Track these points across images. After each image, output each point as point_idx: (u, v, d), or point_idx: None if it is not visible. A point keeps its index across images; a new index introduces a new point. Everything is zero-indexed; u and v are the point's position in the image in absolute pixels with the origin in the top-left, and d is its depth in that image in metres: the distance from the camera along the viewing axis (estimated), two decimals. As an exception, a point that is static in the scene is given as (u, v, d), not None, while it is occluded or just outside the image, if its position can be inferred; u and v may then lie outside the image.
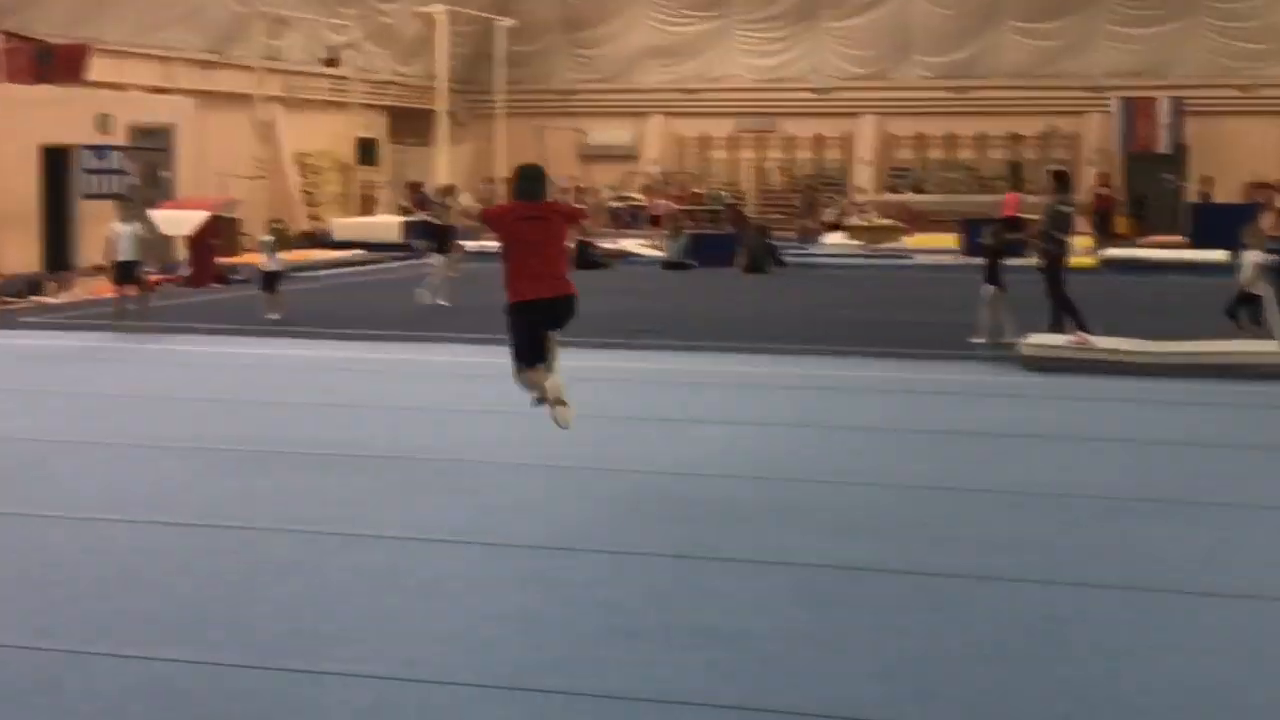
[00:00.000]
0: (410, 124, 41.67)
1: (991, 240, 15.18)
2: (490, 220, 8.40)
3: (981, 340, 14.61)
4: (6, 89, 24.16)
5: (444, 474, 8.47)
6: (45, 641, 5.40)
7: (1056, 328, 14.25)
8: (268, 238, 17.82)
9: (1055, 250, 14.69)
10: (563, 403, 7.82)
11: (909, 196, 36.55)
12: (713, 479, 8.40)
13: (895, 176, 40.04)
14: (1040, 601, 6.04)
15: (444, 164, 33.93)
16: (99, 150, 25.42)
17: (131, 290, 15.95)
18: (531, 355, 7.82)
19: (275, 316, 16.85)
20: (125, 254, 15.89)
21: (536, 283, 7.79)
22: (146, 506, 7.60)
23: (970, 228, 26.11)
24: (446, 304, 18.23)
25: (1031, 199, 27.24)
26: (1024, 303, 14.81)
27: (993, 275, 14.79)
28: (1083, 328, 13.93)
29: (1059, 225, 14.79)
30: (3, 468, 8.64)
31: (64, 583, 6.15)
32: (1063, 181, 15.31)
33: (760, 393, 11.94)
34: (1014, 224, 21.39)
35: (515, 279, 7.80)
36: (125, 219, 16.03)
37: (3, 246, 23.49)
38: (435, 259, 19.26)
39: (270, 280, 17.38)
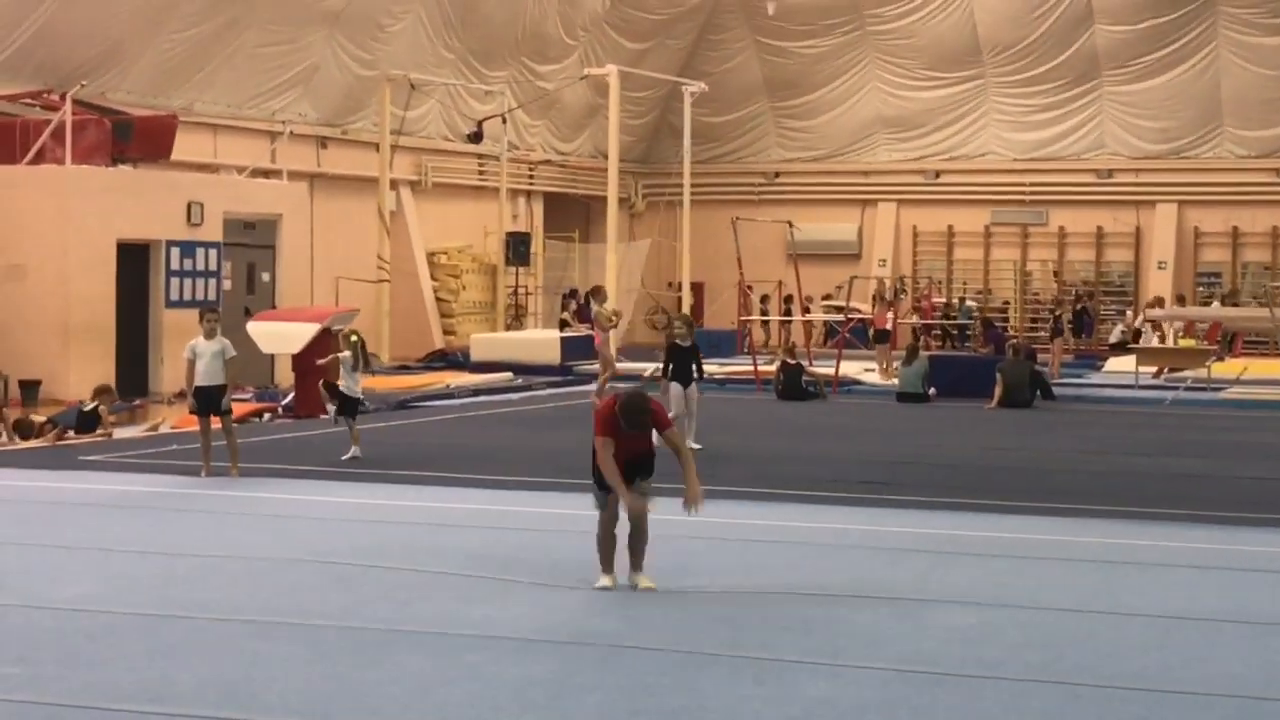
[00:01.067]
0: (572, 214, 42.47)
1: None
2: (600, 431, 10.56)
3: None
4: (76, 173, 25.14)
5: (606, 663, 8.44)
6: None
7: None
8: (345, 353, 18.12)
9: None
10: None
11: (1219, 310, 35.88)
12: (956, 681, 8.21)
13: (1202, 284, 39.42)
14: None
15: (614, 264, 34.34)
16: (187, 247, 26.28)
17: (215, 422, 16.28)
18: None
19: (355, 453, 17.37)
20: (207, 378, 16.20)
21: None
22: (225, 698, 7.67)
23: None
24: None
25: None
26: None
27: None
28: None
29: None
30: (63, 647, 8.82)
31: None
32: None
33: (1025, 565, 11.73)
34: None
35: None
36: (209, 334, 16.24)
37: (70, 365, 24.29)
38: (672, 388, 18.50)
39: (350, 407, 17.87)
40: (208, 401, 16.22)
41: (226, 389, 16.32)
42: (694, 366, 18.66)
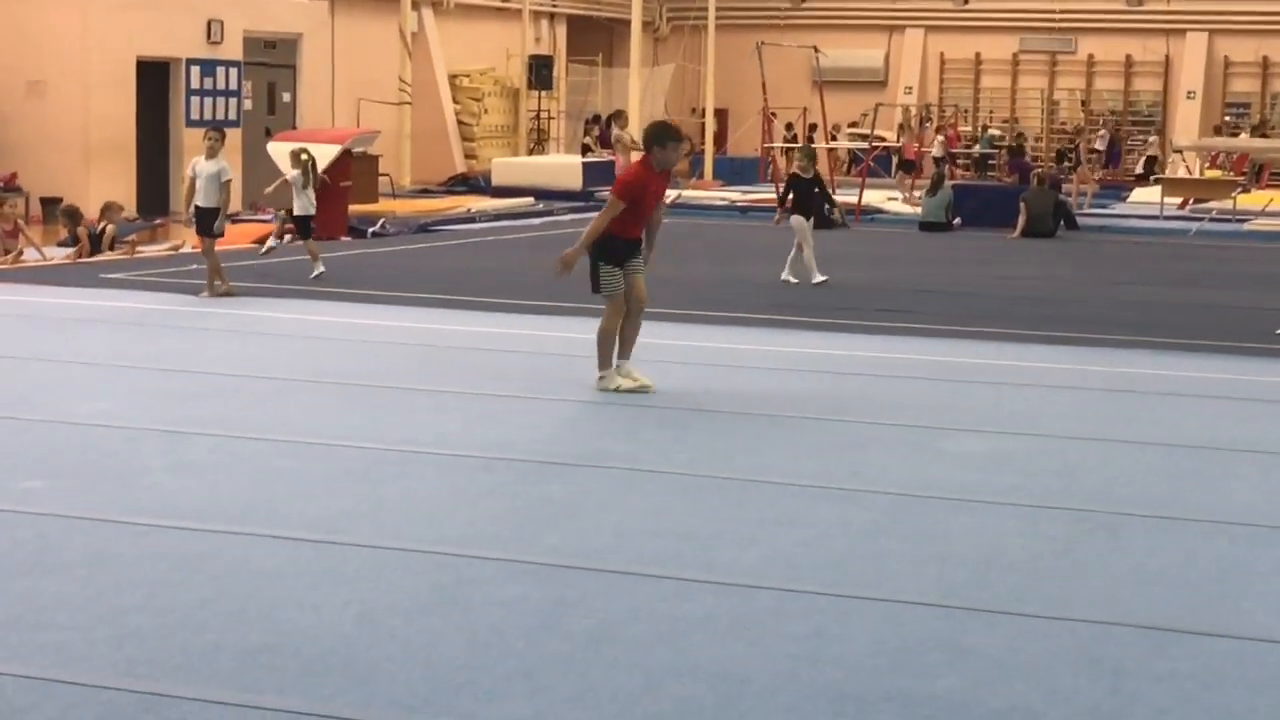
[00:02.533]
0: (596, 38, 42.08)
1: None
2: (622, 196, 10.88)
3: None
4: (96, -11, 24.94)
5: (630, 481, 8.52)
6: (130, 680, 5.54)
7: None
8: (295, 172, 18.03)
9: None
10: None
11: (1247, 142, 35.58)
12: (969, 505, 8.28)
13: (1230, 115, 39.05)
14: None
15: (637, 89, 34.08)
16: (207, 66, 26.15)
17: (199, 243, 16.23)
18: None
19: (320, 270, 17.54)
20: (204, 198, 16.02)
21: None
22: (255, 517, 7.77)
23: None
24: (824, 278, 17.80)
25: None
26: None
27: None
28: None
29: None
30: (82, 462, 8.92)
31: (153, 609, 6.31)
32: None
33: (1036, 393, 11.80)
34: None
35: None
36: (211, 153, 16.06)
37: (90, 183, 24.29)
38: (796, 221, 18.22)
39: (303, 226, 18.07)
40: (202, 221, 16.10)
41: (220, 211, 16.05)
42: (816, 198, 18.48)
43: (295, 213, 18.12)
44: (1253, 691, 5.66)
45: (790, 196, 18.43)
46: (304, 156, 18.30)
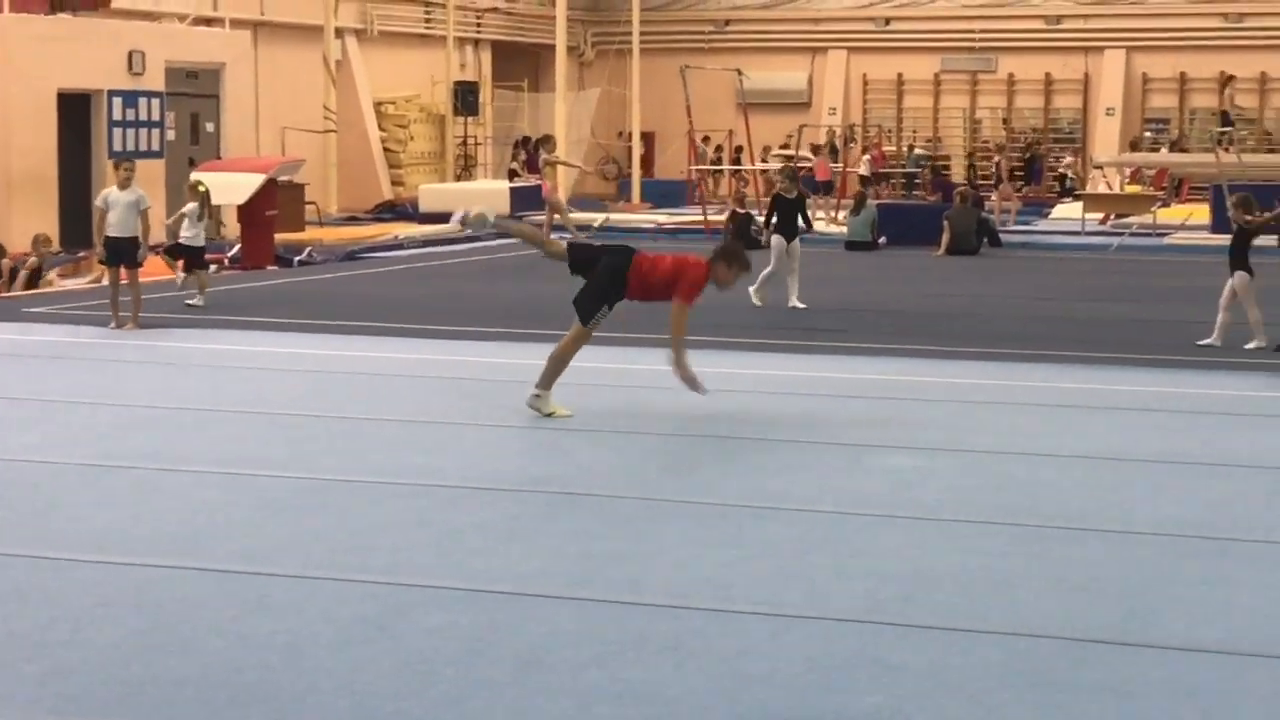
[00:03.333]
0: (521, 64, 42.07)
1: (1241, 209, 15.05)
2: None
3: (1213, 342, 14.84)
4: (14, 21, 24.78)
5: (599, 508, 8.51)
6: (55, 717, 5.49)
7: None
8: (192, 204, 17.97)
9: None
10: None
11: (1166, 157, 35.94)
12: (897, 521, 8.32)
13: (1149, 130, 39.44)
14: (1335, 690, 5.86)
15: (564, 114, 34.12)
16: (129, 97, 25.99)
17: (123, 275, 16.10)
18: None
19: (197, 302, 17.44)
20: (121, 229, 15.87)
21: None
22: (180, 548, 7.71)
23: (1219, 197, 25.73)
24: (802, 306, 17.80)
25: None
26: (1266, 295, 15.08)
27: (1240, 256, 14.91)
28: None
29: None
30: (4, 496, 8.84)
31: (79, 643, 6.26)
32: None
33: (963, 410, 11.87)
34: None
35: None
36: (124, 184, 15.94)
37: (11, 217, 24.07)
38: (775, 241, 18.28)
39: (196, 257, 17.97)
40: (119, 253, 15.93)
41: (139, 241, 15.95)
42: (799, 219, 18.55)
43: (187, 243, 17.97)
44: (1174, 701, 5.70)
45: (773, 218, 18.57)
46: (200, 188, 18.28)
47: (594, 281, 11.14)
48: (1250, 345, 14.63)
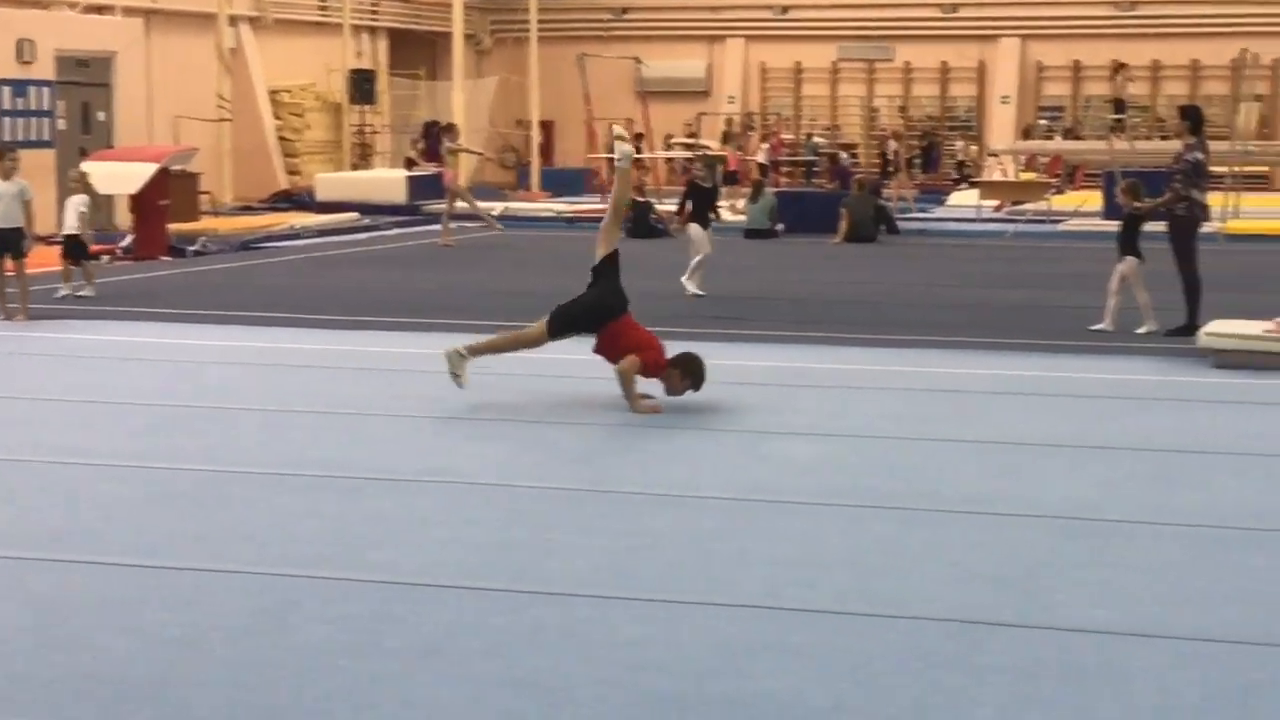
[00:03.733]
0: (418, 52, 41.85)
1: (1129, 196, 15.26)
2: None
3: (1105, 327, 15.02)
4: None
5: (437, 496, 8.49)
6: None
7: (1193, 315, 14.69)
8: (79, 196, 17.79)
9: (1179, 211, 14.94)
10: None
11: (1061, 144, 36.30)
12: (795, 507, 8.36)
13: (1044, 118, 39.81)
14: (1224, 667, 5.95)
15: (462, 102, 33.98)
16: (18, 86, 25.64)
17: (10, 267, 15.92)
18: None
19: (86, 293, 17.31)
20: (5, 220, 15.74)
21: None
22: (75, 542, 7.63)
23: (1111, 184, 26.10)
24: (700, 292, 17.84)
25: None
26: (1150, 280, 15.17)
27: (1129, 241, 15.10)
28: (1192, 318, 14.50)
29: (1191, 180, 14.80)
30: (-112, 490, 8.72)
31: (-40, 637, 6.19)
32: (1195, 122, 15.26)
33: (863, 396, 11.94)
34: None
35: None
36: (8, 174, 15.80)
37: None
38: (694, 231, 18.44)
39: (80, 247, 17.68)
40: (4, 244, 15.76)
41: (24, 231, 15.82)
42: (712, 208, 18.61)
43: (69, 232, 17.75)
44: (1065, 681, 5.77)
45: (688, 206, 18.63)
46: (85, 182, 18.06)
47: (583, 303, 11.31)
48: (1141, 330, 14.81)
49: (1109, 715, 5.47)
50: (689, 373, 11.11)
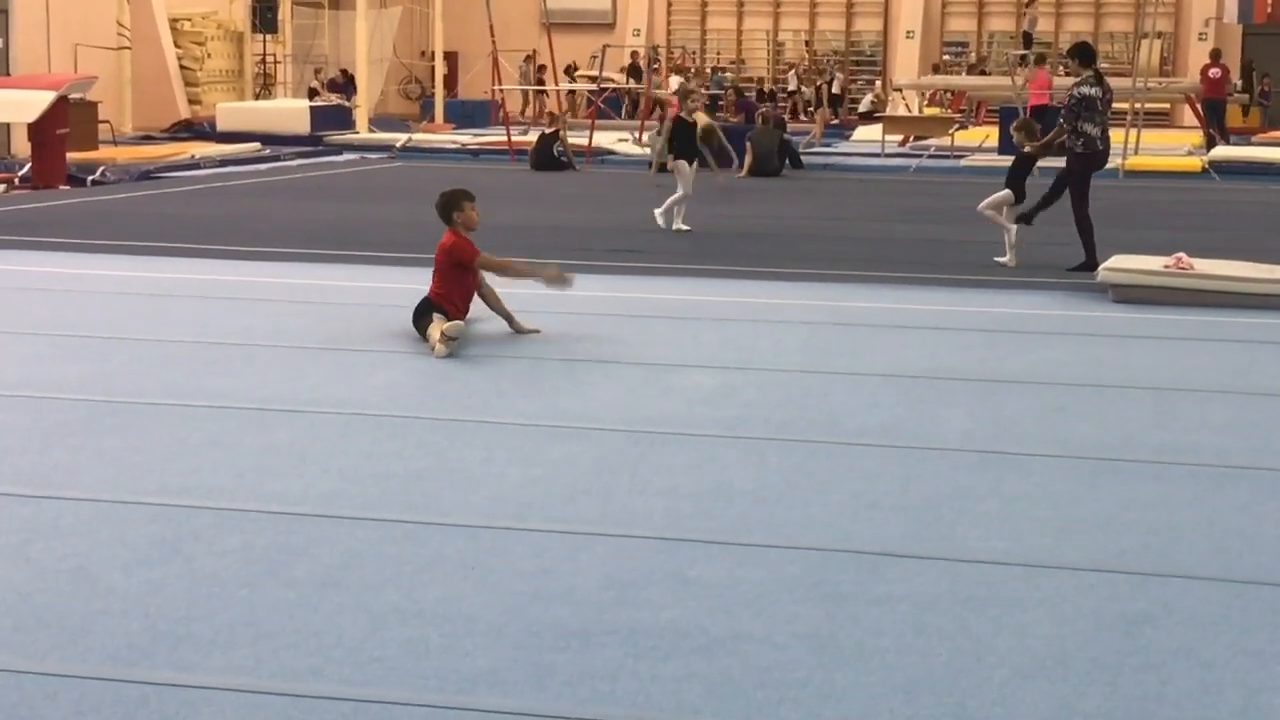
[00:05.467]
0: (320, -20, 41.36)
1: (1023, 134, 15.37)
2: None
3: (1006, 261, 15.22)
4: None
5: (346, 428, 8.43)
6: None
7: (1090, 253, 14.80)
8: None
9: (1077, 148, 14.89)
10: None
11: (964, 79, 36.44)
12: (696, 439, 8.37)
13: (949, 54, 39.95)
14: (1118, 597, 6.02)
15: (365, 33, 33.65)
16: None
17: None
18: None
19: None
20: None
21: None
22: (-39, 470, 7.53)
23: (1005, 119, 26.32)
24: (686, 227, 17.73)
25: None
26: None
27: (1016, 179, 15.25)
28: (1090, 254, 14.63)
29: (1080, 115, 14.82)
30: None
31: None
32: (1085, 58, 15.32)
33: (762, 329, 11.95)
34: (1041, 113, 21.82)
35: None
36: None
37: None
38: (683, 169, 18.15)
39: None
40: None
41: None
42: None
43: None
44: (964, 609, 5.82)
45: (676, 142, 18.45)
46: None
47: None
48: (1001, 259, 15.02)
49: (1005, 644, 5.52)
50: (454, 200, 11.31)
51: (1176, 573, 6.30)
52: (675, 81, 35.98)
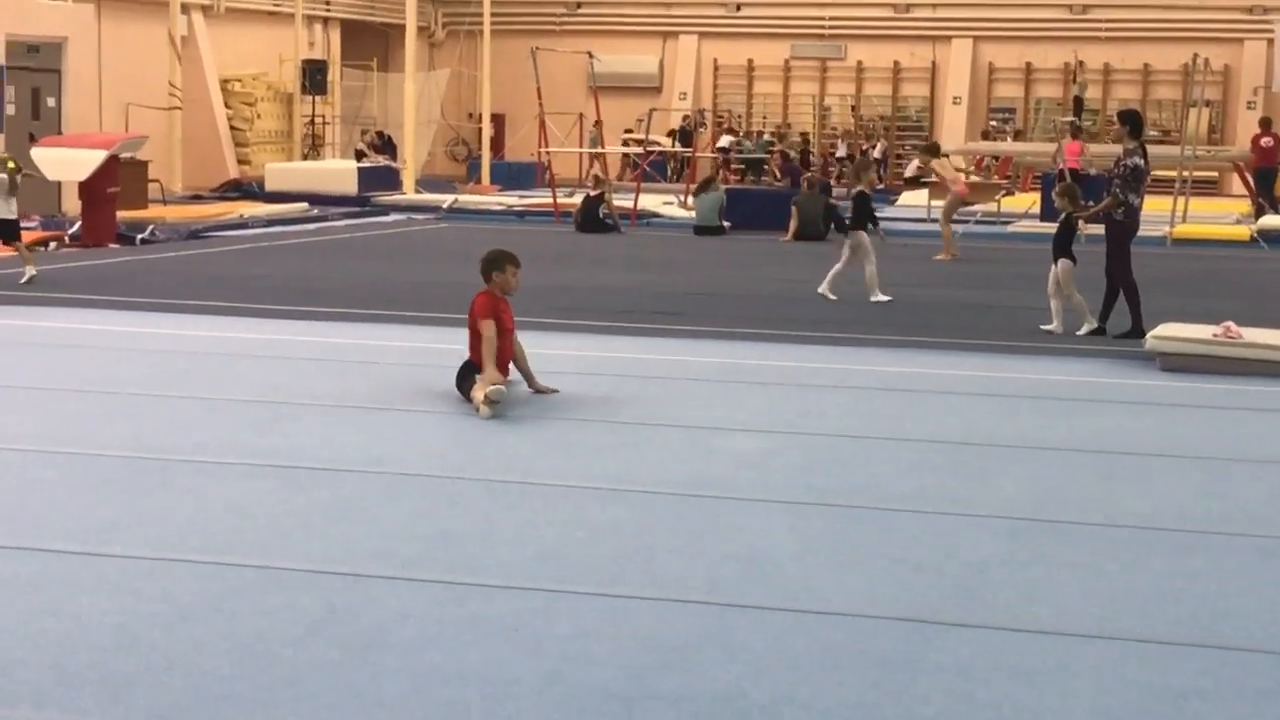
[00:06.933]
0: (370, 43, 41.75)
1: (1065, 200, 15.33)
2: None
3: (1054, 329, 15.09)
4: None
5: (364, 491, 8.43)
6: None
7: (1106, 316, 14.94)
8: (1, 175, 17.61)
9: (1118, 216, 14.95)
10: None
11: (1011, 146, 36.43)
12: (739, 503, 8.34)
13: (995, 119, 39.97)
14: (1165, 668, 5.96)
15: (413, 95, 33.87)
16: (-33, 70, 25.45)
17: None
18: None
19: (30, 275, 17.12)
20: None
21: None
22: (11, 528, 7.55)
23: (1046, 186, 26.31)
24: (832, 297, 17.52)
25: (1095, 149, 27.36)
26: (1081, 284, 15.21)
27: (1063, 247, 15.13)
28: (1137, 321, 14.62)
29: (1129, 184, 14.83)
30: None
31: (-106, 622, 6.11)
32: (1135, 127, 15.31)
33: (808, 393, 11.93)
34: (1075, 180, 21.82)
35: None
36: None
37: None
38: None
39: (9, 230, 17.55)
40: None
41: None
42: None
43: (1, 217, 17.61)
44: (1010, 678, 5.78)
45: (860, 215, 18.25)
46: (10, 164, 17.92)
47: None
48: (1082, 330, 14.89)
49: (1050, 714, 5.47)
50: (497, 262, 11.26)
51: (1225, 644, 6.25)
52: (727, 139, 36.12)
